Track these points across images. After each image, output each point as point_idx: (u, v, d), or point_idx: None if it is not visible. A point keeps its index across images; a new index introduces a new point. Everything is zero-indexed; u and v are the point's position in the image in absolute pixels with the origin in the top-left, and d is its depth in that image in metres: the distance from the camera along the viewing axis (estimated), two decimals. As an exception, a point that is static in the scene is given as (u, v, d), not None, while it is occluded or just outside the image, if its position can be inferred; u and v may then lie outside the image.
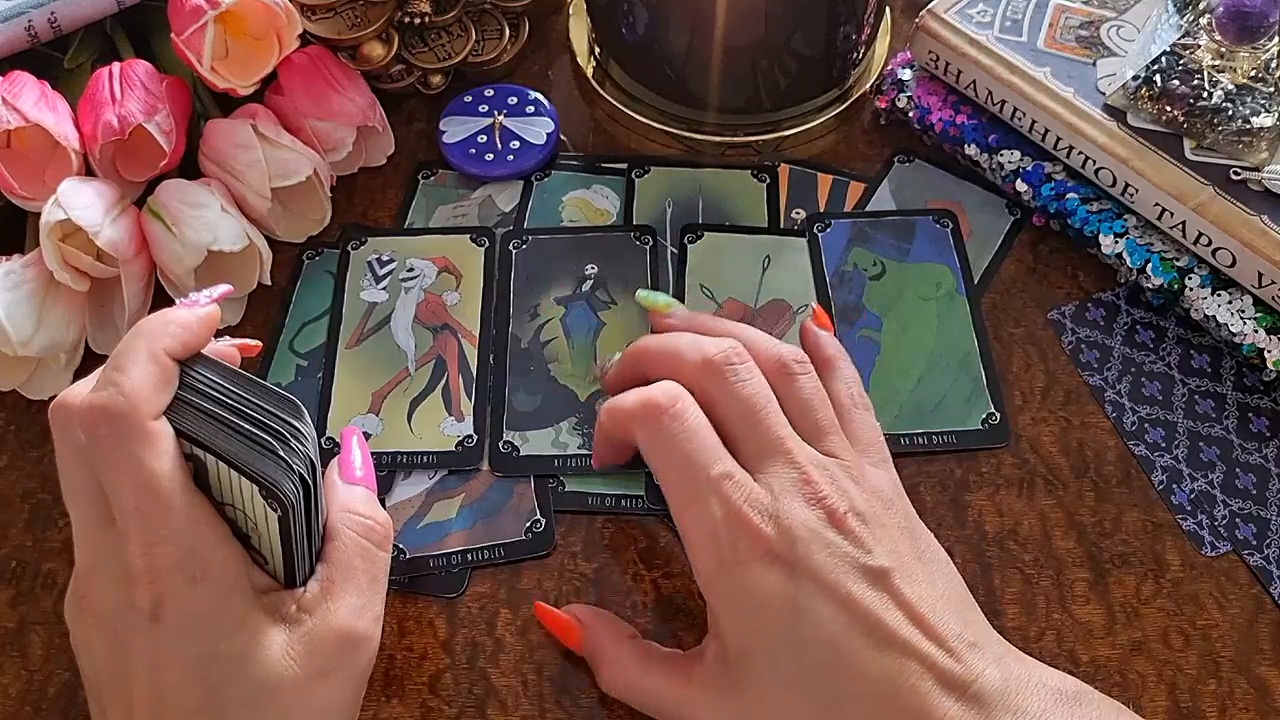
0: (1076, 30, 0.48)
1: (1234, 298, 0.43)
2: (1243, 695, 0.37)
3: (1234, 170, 0.43)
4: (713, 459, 0.34)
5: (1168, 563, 0.40)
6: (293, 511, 0.31)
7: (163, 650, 0.30)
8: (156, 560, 0.30)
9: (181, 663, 0.30)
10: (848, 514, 0.33)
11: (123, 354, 0.32)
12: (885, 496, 0.35)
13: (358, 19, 0.49)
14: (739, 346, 0.36)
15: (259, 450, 0.31)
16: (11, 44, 0.46)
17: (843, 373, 0.39)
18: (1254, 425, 0.43)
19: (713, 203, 0.49)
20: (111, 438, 0.30)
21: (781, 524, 0.33)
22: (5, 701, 0.38)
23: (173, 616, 0.30)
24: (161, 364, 0.32)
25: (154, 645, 0.30)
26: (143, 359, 0.31)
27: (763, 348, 0.37)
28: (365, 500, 0.36)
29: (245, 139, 0.44)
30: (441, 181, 0.50)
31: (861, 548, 0.33)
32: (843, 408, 0.38)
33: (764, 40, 0.46)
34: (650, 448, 0.35)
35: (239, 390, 0.32)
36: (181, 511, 0.31)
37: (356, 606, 0.33)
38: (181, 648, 0.30)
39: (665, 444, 0.34)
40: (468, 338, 0.45)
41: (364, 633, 0.33)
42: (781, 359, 0.37)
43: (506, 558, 0.40)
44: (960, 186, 0.50)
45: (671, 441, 0.34)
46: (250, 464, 0.31)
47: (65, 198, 0.41)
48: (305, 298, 0.47)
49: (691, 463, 0.34)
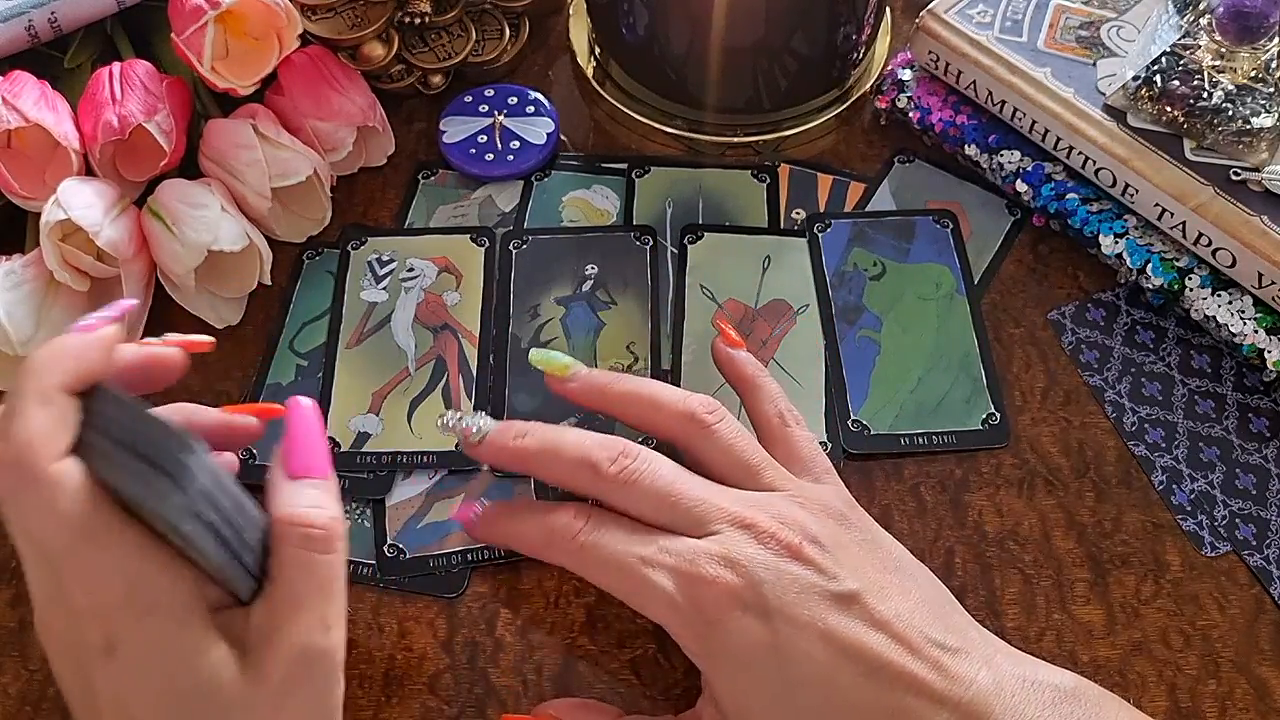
0: (1076, 30, 0.48)
1: (1234, 298, 0.43)
2: (1243, 695, 0.37)
3: (1234, 170, 0.43)
4: (641, 541, 0.33)
5: (1168, 563, 0.40)
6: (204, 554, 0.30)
7: (123, 686, 0.29)
8: (100, 599, 0.29)
9: (144, 698, 0.29)
10: (804, 543, 0.33)
11: (13, 396, 0.29)
12: (839, 514, 0.35)
13: (358, 19, 0.49)
14: (622, 445, 0.35)
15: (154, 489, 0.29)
16: (11, 44, 0.46)
17: (766, 391, 0.38)
18: (1254, 425, 0.43)
19: (713, 203, 0.49)
20: (15, 489, 0.28)
21: (739, 567, 0.32)
22: (5, 701, 0.38)
23: (129, 652, 0.29)
24: (55, 403, 0.29)
25: (114, 682, 0.29)
26: (32, 401, 0.29)
27: (669, 405, 0.36)
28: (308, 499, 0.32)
29: (245, 139, 0.44)
30: (441, 181, 0.50)
31: (826, 575, 0.32)
32: (773, 430, 0.37)
33: (764, 40, 0.46)
34: (575, 566, 0.34)
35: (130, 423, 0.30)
36: (115, 546, 0.29)
37: (306, 623, 0.31)
38: (142, 683, 0.29)
39: (587, 556, 0.33)
40: (468, 338, 0.45)
41: (319, 647, 0.31)
42: (691, 413, 0.35)
43: (506, 558, 0.40)
44: (960, 186, 0.50)
45: (592, 551, 0.33)
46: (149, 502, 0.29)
47: (65, 198, 0.41)
48: (305, 298, 0.47)
49: (621, 559, 0.33)
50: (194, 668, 0.29)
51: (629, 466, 0.34)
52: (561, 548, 0.34)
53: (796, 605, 0.32)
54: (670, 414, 0.36)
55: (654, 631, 0.39)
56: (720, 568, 0.32)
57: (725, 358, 0.39)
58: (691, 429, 0.35)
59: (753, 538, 0.33)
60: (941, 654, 0.32)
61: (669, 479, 0.34)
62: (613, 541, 0.33)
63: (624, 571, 0.33)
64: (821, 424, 0.43)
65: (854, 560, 0.33)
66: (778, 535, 0.33)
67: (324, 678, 0.31)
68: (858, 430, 0.43)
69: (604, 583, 0.34)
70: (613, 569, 0.33)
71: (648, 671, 0.38)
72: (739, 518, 0.33)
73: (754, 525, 0.33)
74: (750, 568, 0.32)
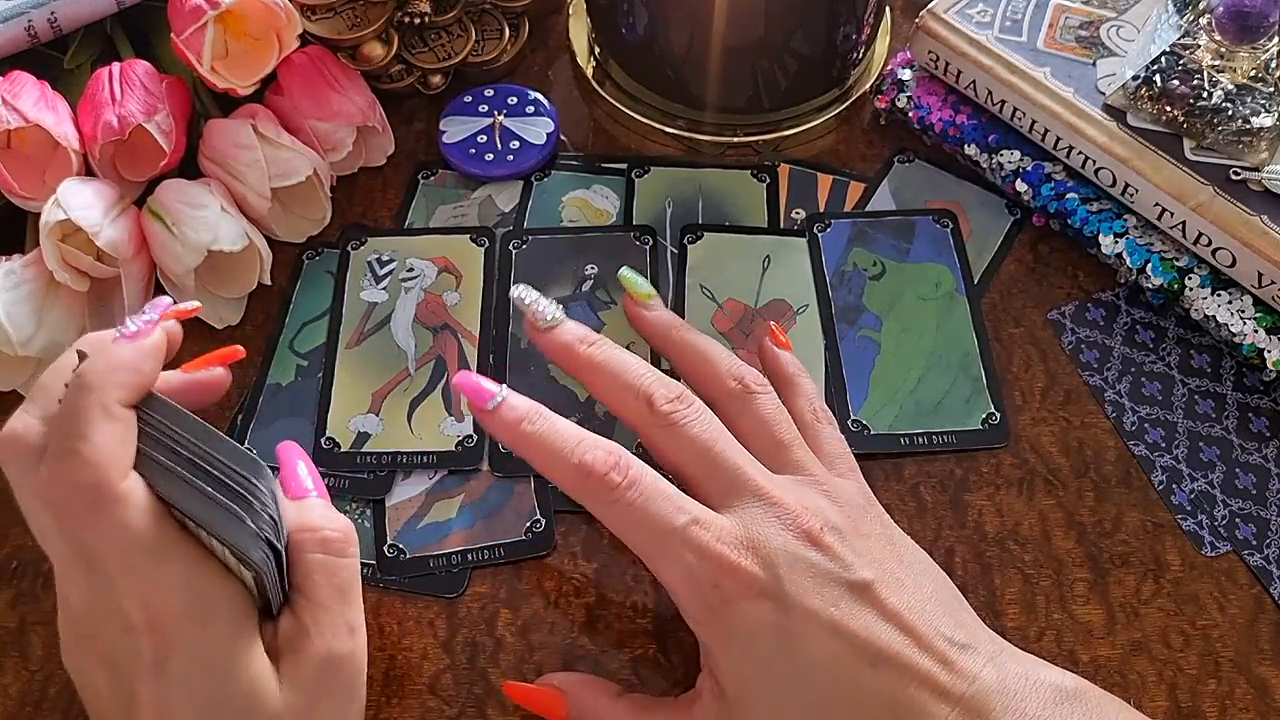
0: (1076, 30, 0.48)
1: (1234, 298, 0.43)
2: (1243, 695, 0.37)
3: (1234, 170, 0.43)
4: (674, 511, 0.33)
5: (1168, 563, 0.40)
6: (265, 574, 0.31)
7: (171, 698, 0.30)
8: (158, 611, 0.29)
9: (191, 709, 0.30)
10: (824, 530, 0.33)
11: (75, 414, 0.29)
12: (859, 506, 0.35)
13: (358, 19, 0.49)
14: (681, 389, 0.35)
15: (225, 513, 0.30)
16: (11, 44, 0.46)
17: (803, 389, 0.39)
18: (1254, 425, 0.43)
19: (713, 203, 0.49)
20: (84, 510, 0.29)
21: (760, 554, 0.32)
22: (5, 701, 0.38)
23: (179, 664, 0.30)
24: (118, 417, 0.30)
25: (161, 693, 0.30)
26: (98, 417, 0.29)
27: (724, 368, 0.37)
28: (319, 510, 0.34)
29: (245, 139, 0.44)
30: (441, 181, 0.50)
31: (842, 563, 0.33)
32: (805, 424, 0.38)
33: (764, 40, 0.46)
34: (606, 518, 0.34)
35: (198, 442, 0.31)
36: (176, 561, 0.30)
37: (329, 626, 0.32)
38: (189, 695, 0.30)
39: (622, 514, 0.33)
40: (468, 338, 0.45)
41: (342, 651, 0.32)
42: (743, 379, 0.37)
43: (506, 558, 0.40)
44: (960, 186, 0.50)
45: (628, 510, 0.33)
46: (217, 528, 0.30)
47: (65, 198, 0.41)
48: (305, 298, 0.47)
49: (654, 522, 0.33)
50: (241, 680, 0.30)
51: (682, 411, 0.35)
52: (595, 495, 0.33)
53: (810, 592, 0.32)
54: (722, 373, 0.37)
55: (654, 631, 0.39)
56: (743, 552, 0.32)
57: (771, 355, 0.40)
58: (738, 393, 0.36)
59: (776, 516, 0.33)
60: (949, 648, 0.32)
61: (714, 435, 0.35)
62: (647, 505, 0.33)
63: (653, 539, 0.33)
64: (821, 424, 0.43)
65: (870, 551, 0.34)
66: (800, 518, 0.33)
67: (349, 683, 0.32)
68: (858, 430, 0.43)
69: (631, 541, 0.34)
70: (643, 532, 0.33)
71: (648, 671, 0.38)
72: (767, 494, 0.34)
73: (779, 504, 0.33)
74: (770, 553, 0.32)
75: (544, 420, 0.35)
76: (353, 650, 0.32)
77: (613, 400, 0.36)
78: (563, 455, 0.34)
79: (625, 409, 0.36)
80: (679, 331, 0.39)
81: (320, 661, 0.31)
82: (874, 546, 0.34)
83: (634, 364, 0.36)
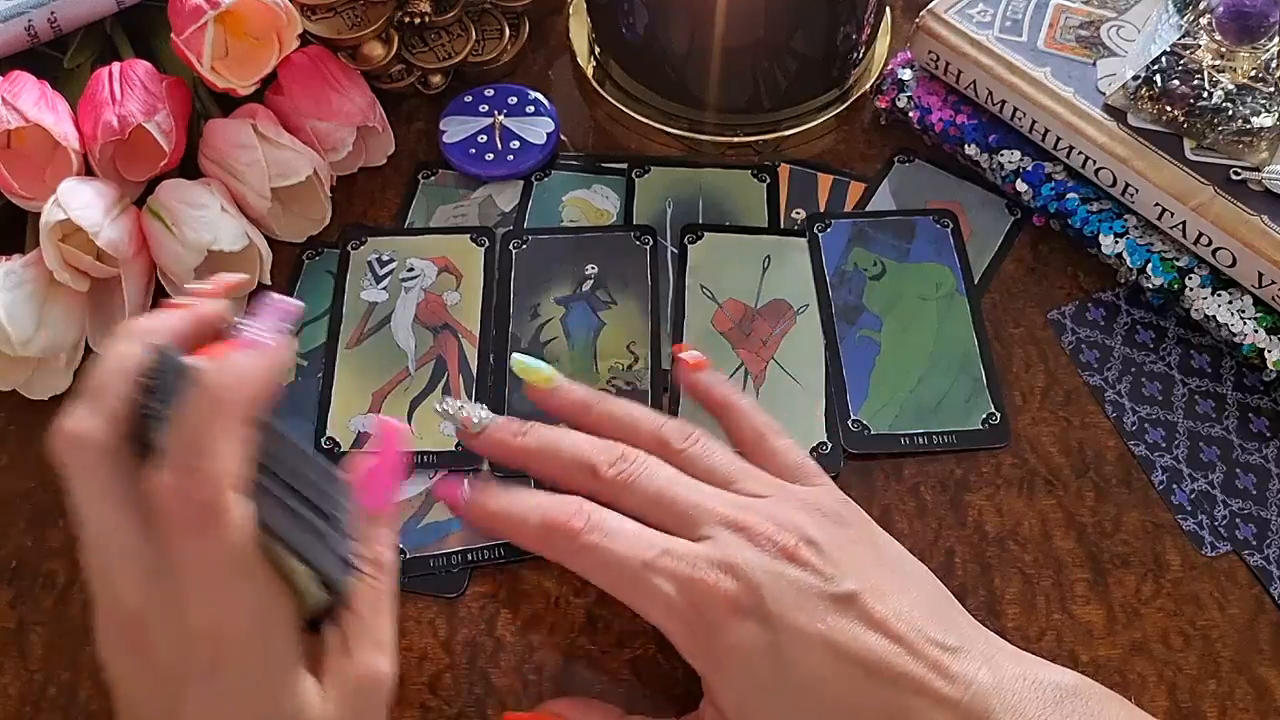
0: (1076, 30, 0.48)
1: (1234, 298, 0.43)
2: (1243, 695, 0.37)
3: (1234, 170, 0.43)
4: (644, 545, 0.33)
5: (1168, 563, 0.40)
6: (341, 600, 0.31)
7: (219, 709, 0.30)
8: (222, 622, 0.29)
9: None
10: (799, 545, 0.33)
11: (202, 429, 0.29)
12: (834, 513, 0.35)
13: (358, 19, 0.49)
14: (620, 449, 0.35)
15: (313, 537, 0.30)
16: (11, 44, 0.46)
17: (738, 411, 0.38)
18: (1254, 425, 0.43)
19: (713, 203, 0.49)
20: (193, 524, 0.29)
21: (738, 574, 0.32)
22: (5, 701, 0.38)
23: (233, 676, 0.29)
24: (241, 435, 0.29)
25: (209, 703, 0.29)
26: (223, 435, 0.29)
27: (645, 431, 0.37)
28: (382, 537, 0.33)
29: (245, 139, 0.44)
30: (441, 181, 0.50)
31: (823, 576, 0.32)
32: (754, 448, 0.37)
33: (764, 40, 0.46)
34: (578, 565, 0.34)
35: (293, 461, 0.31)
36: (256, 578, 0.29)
37: (369, 645, 0.32)
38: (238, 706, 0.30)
39: (592, 557, 0.33)
40: (468, 338, 0.45)
41: (380, 671, 0.32)
42: (664, 440, 0.36)
43: (506, 558, 0.40)
44: (960, 186, 0.50)
45: (597, 551, 0.33)
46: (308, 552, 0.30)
47: (65, 198, 0.41)
48: (305, 298, 0.47)
49: (624, 559, 0.33)
50: (287, 698, 0.30)
51: (625, 469, 0.35)
52: (561, 546, 0.34)
53: (795, 608, 0.32)
54: (646, 438, 0.36)
55: (654, 631, 0.39)
56: (719, 573, 0.32)
57: (691, 385, 0.40)
58: (668, 453, 0.36)
59: (747, 540, 0.33)
60: (941, 653, 0.32)
61: (663, 482, 0.34)
62: (614, 544, 0.33)
63: (624, 575, 0.33)
64: (821, 424, 0.43)
65: (850, 560, 0.33)
66: (772, 537, 0.33)
67: (381, 698, 0.32)
68: (858, 430, 0.43)
69: (603, 583, 0.34)
70: (613, 571, 0.33)
71: (648, 671, 0.38)
72: (732, 520, 0.33)
73: (747, 527, 0.33)
74: (748, 572, 0.32)
75: (504, 495, 0.35)
76: (386, 670, 0.32)
77: (560, 479, 0.36)
78: (525, 519, 0.34)
79: (574, 483, 0.35)
80: (597, 406, 0.38)
81: (361, 682, 0.31)
82: (853, 555, 0.33)
83: (568, 441, 0.36)
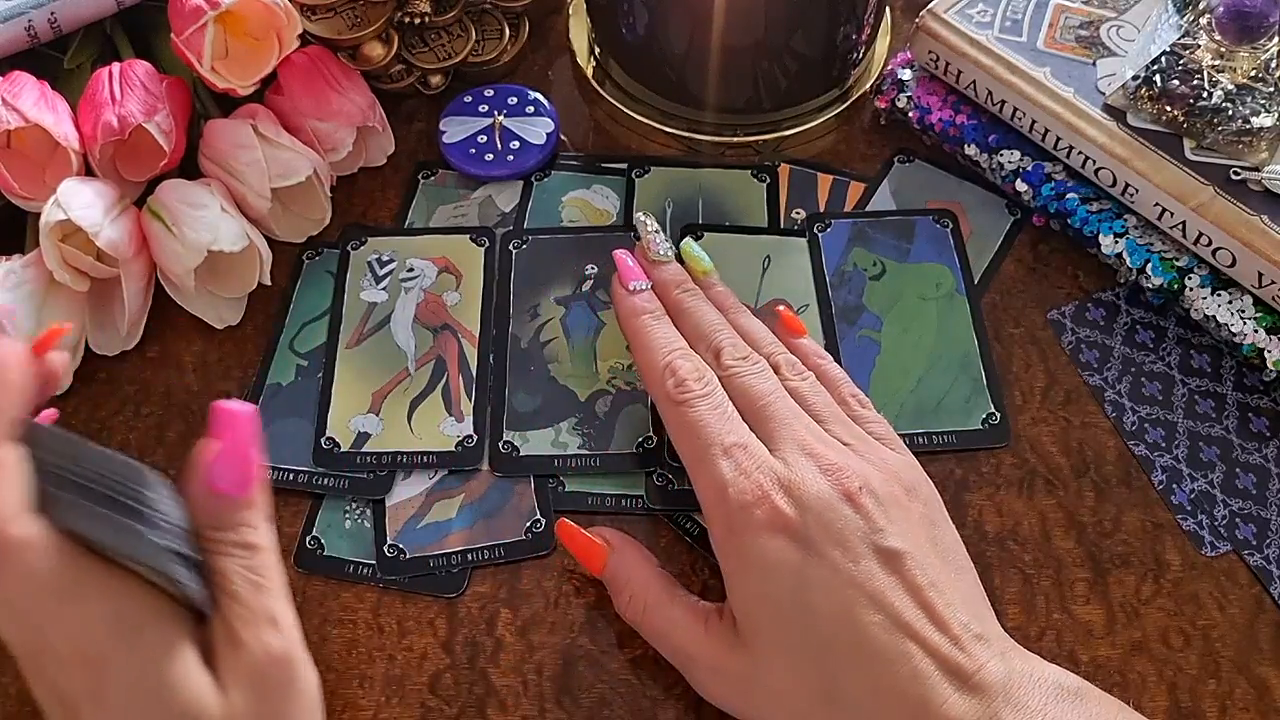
0: (1076, 30, 0.48)
1: (1234, 298, 0.43)
2: (1243, 695, 0.37)
3: (1234, 170, 0.43)
4: (730, 430, 0.35)
5: (1168, 563, 0.40)
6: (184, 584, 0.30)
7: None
8: (85, 645, 0.29)
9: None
10: (862, 490, 0.34)
11: None
12: (905, 482, 0.36)
13: (358, 19, 0.49)
14: (748, 350, 0.38)
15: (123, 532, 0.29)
16: (11, 44, 0.46)
17: (833, 378, 0.40)
18: (1254, 425, 0.43)
19: (713, 203, 0.49)
20: None
21: (794, 493, 0.33)
22: (5, 701, 0.38)
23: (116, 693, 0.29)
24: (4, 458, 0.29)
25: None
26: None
27: (766, 349, 0.39)
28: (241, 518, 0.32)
29: (245, 139, 0.44)
30: (441, 181, 0.50)
31: (873, 525, 0.33)
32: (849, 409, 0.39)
33: (764, 40, 0.46)
34: (670, 419, 0.37)
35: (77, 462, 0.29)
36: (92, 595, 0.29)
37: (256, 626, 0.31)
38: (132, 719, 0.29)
39: (685, 417, 0.36)
40: (468, 338, 0.45)
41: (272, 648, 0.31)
42: (779, 365, 0.39)
43: (506, 558, 0.40)
44: (960, 186, 0.50)
45: (692, 414, 0.36)
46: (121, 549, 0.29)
47: (65, 198, 0.41)
48: (305, 298, 0.47)
49: (709, 432, 0.35)
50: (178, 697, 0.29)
51: (744, 366, 0.38)
52: (670, 395, 0.37)
53: (834, 543, 0.33)
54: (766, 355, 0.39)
55: (654, 631, 0.39)
56: (778, 488, 0.34)
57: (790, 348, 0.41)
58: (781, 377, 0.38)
59: (818, 468, 0.34)
60: (964, 634, 0.32)
61: (769, 389, 0.37)
62: (711, 415, 0.36)
63: (702, 443, 0.35)
64: (821, 424, 0.43)
65: (906, 525, 0.34)
66: (840, 474, 0.34)
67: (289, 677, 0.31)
68: (858, 430, 0.43)
69: (681, 440, 0.37)
70: (698, 435, 0.36)
71: (648, 671, 0.38)
72: (812, 447, 0.35)
73: (822, 457, 0.35)
74: (804, 495, 0.33)
75: (657, 321, 0.40)
76: (284, 645, 0.31)
77: (690, 342, 0.39)
78: (658, 351, 0.38)
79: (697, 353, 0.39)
80: (733, 313, 0.41)
81: (255, 661, 0.30)
82: (910, 523, 0.34)
83: (713, 318, 0.40)
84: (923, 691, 0.31)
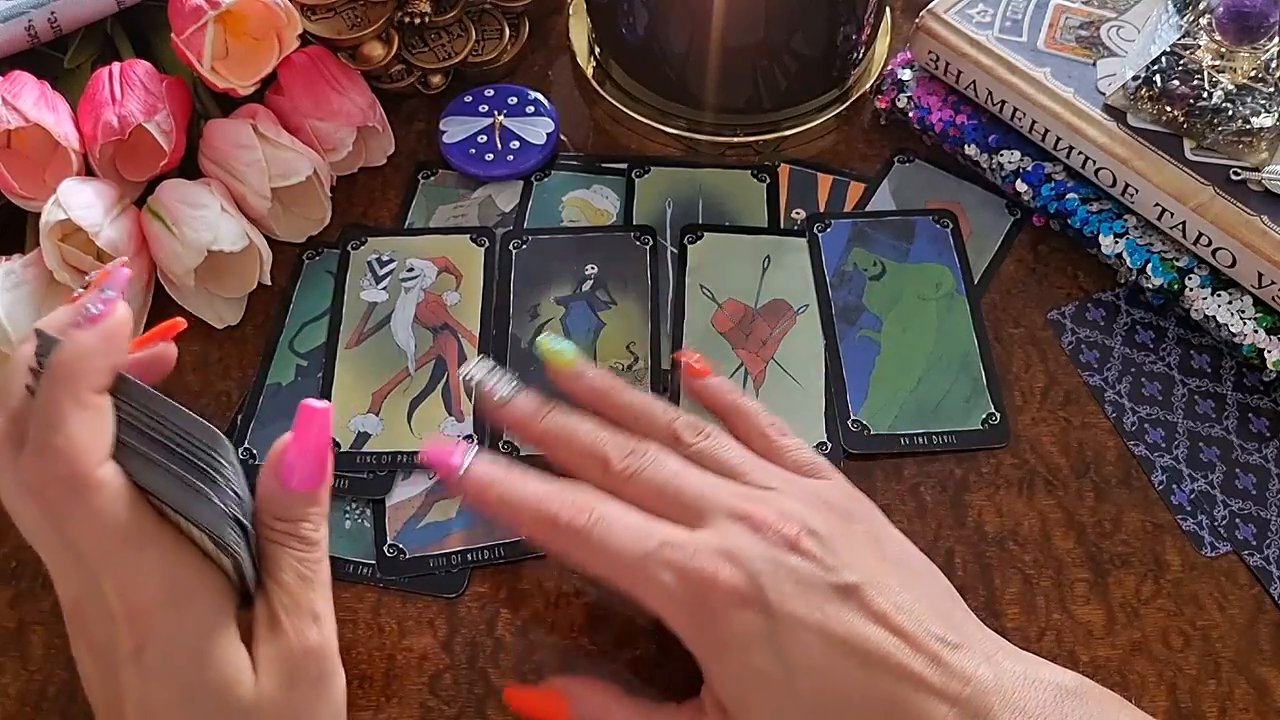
0: (1076, 30, 0.48)
1: (1234, 298, 0.43)
2: (1243, 695, 0.37)
3: (1234, 170, 0.43)
4: (645, 535, 0.33)
5: (1168, 563, 0.40)
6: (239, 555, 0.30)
7: (150, 687, 0.30)
8: (135, 600, 0.30)
9: (168, 699, 0.30)
10: (801, 535, 0.33)
11: (48, 407, 0.29)
12: (839, 507, 0.35)
13: (358, 19, 0.49)
14: (633, 444, 0.36)
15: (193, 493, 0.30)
16: (11, 44, 0.46)
17: (744, 412, 0.39)
18: (1254, 425, 0.43)
19: (713, 203, 0.49)
20: (64, 500, 0.29)
21: (739, 563, 0.32)
22: (5, 701, 0.38)
23: (156, 653, 0.30)
24: (93, 407, 0.30)
25: (141, 682, 0.30)
26: (70, 408, 0.29)
27: (659, 423, 0.37)
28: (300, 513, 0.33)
29: (245, 139, 0.44)
30: (441, 181, 0.50)
31: (824, 567, 0.32)
32: (763, 447, 0.37)
33: (764, 40, 0.46)
34: (581, 558, 0.34)
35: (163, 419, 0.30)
36: (153, 548, 0.30)
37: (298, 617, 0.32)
38: (166, 683, 0.30)
39: (594, 549, 0.33)
40: (468, 338, 0.45)
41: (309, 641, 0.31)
42: (677, 434, 0.37)
43: (506, 558, 0.40)
44: (960, 186, 0.50)
45: (599, 544, 0.33)
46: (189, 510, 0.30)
47: (65, 198, 0.41)
48: (305, 298, 0.47)
49: (626, 550, 0.33)
50: (217, 668, 0.30)
51: (636, 462, 0.35)
52: (566, 540, 0.34)
53: (794, 597, 0.32)
54: (660, 430, 0.37)
55: (654, 631, 0.39)
56: (720, 561, 0.32)
57: (696, 391, 0.40)
58: (680, 447, 0.36)
59: (750, 529, 0.33)
60: (941, 648, 0.32)
61: (670, 473, 0.35)
62: (614, 536, 0.33)
63: (625, 566, 0.33)
64: (821, 424, 0.43)
65: (853, 553, 0.33)
66: (775, 526, 0.33)
67: (321, 671, 0.32)
68: (858, 430, 0.43)
69: (604, 573, 0.34)
70: (614, 563, 0.33)
71: (648, 671, 0.38)
72: (736, 510, 0.34)
73: (751, 516, 0.33)
74: (748, 560, 0.32)
75: (508, 482, 0.35)
76: (321, 641, 0.32)
77: (572, 466, 0.36)
78: (528, 511, 0.35)
79: (585, 473, 0.36)
80: (614, 395, 0.38)
81: (291, 651, 0.31)
82: (857, 548, 0.34)
83: (585, 430, 0.36)
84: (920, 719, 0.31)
